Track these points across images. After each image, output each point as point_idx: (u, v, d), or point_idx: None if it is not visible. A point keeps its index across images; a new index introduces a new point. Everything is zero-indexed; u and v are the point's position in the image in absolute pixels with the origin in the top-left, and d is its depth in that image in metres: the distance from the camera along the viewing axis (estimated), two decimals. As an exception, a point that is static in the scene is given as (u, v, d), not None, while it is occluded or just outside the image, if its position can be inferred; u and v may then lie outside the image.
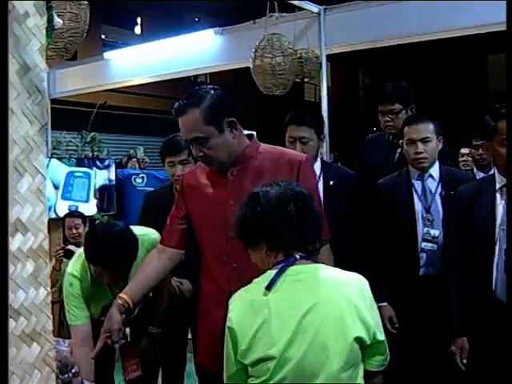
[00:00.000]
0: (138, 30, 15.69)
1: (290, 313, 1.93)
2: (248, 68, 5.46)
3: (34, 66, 1.91)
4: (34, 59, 1.91)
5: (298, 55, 5.40)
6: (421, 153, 3.48)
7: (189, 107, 2.54)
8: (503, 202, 2.91)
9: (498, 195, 2.94)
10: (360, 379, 2.02)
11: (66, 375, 2.27)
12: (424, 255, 3.47)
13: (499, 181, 2.95)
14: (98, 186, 7.38)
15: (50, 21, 2.05)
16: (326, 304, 1.96)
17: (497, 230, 2.89)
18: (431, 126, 3.51)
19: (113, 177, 7.54)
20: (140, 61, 7.12)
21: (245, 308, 1.98)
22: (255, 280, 2.07)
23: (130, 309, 2.75)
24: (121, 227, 3.07)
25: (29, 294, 1.82)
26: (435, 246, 3.44)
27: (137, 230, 3.17)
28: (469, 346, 3.02)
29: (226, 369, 2.02)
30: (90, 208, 7.19)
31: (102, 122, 7.86)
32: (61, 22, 2.11)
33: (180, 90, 11.65)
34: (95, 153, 7.65)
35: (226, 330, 1.98)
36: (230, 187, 2.59)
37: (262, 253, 2.10)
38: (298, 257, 2.05)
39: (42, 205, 1.90)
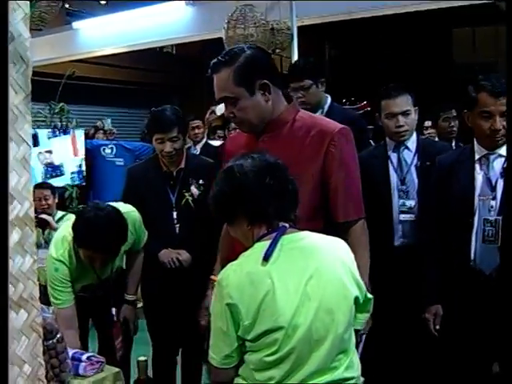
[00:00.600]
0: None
1: (294, 281, 1.90)
2: (215, 39, 5.45)
3: (17, 35, 1.89)
4: (18, 28, 1.90)
5: (270, 26, 5.41)
6: (402, 126, 3.46)
7: (221, 66, 2.43)
8: (482, 172, 2.93)
9: (476, 165, 2.96)
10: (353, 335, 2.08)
11: (50, 341, 2.30)
12: (400, 226, 3.50)
13: (478, 151, 2.97)
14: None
15: (32, -9, 2.04)
16: (326, 269, 1.96)
17: (476, 199, 2.91)
18: (409, 98, 3.50)
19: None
20: (109, 31, 7.07)
21: (243, 282, 1.89)
22: (244, 254, 2.00)
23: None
24: (110, 210, 3.05)
25: (16, 262, 1.81)
26: (413, 215, 3.47)
27: (120, 207, 3.17)
28: (443, 313, 3.06)
29: (220, 348, 1.94)
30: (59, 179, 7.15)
31: (71, 93, 7.76)
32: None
33: (148, 61, 11.51)
34: (64, 123, 7.56)
35: (224, 307, 1.88)
36: None
37: (243, 228, 2.05)
38: (287, 225, 2.01)
39: (27, 173, 1.89)
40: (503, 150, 2.88)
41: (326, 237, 2.10)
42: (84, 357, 2.54)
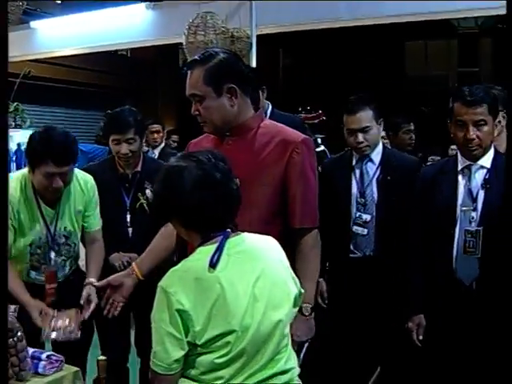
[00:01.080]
0: (58, -1, 15.27)
1: (242, 284, 1.93)
2: (169, 44, 5.46)
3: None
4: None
5: (230, 34, 5.47)
6: (361, 142, 3.48)
7: (196, 64, 2.53)
8: (464, 182, 2.97)
9: (459, 176, 2.99)
10: None
11: (10, 339, 2.30)
12: (354, 238, 3.54)
13: (461, 162, 3.00)
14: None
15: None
16: (270, 270, 2.01)
17: (458, 210, 2.95)
18: (370, 113, 3.50)
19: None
20: (68, 32, 7.01)
21: (193, 288, 1.88)
22: (188, 259, 2.00)
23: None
24: (62, 130, 3.10)
25: None
26: (365, 230, 3.49)
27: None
28: (428, 324, 3.08)
29: (169, 354, 1.89)
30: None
31: (26, 93, 7.68)
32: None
33: (103, 64, 11.42)
34: (18, 123, 7.48)
35: (174, 314, 1.86)
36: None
37: (181, 229, 2.08)
38: (229, 230, 2.01)
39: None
40: (485, 161, 2.94)
41: (261, 237, 2.14)
42: (44, 355, 2.55)
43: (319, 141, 6.98)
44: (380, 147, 3.60)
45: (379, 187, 3.51)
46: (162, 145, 6.70)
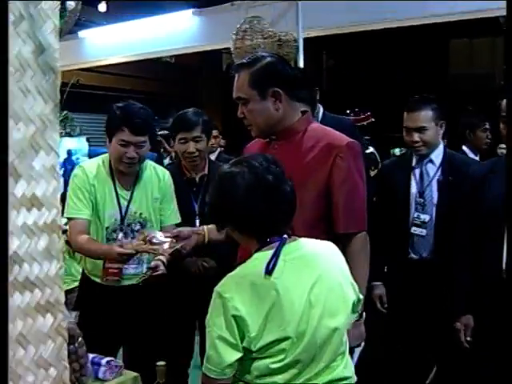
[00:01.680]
0: (102, 7, 15.46)
1: (298, 290, 1.93)
2: (213, 50, 5.49)
3: (48, 47, 1.94)
4: (49, 40, 1.95)
5: (278, 38, 5.47)
6: (416, 142, 3.50)
7: (242, 67, 2.57)
8: None
9: None
10: None
11: (72, 345, 2.33)
12: (412, 239, 3.53)
13: None
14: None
15: (62, 3, 2.09)
16: (327, 276, 2.00)
17: None
18: (429, 114, 3.50)
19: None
20: (115, 40, 7.12)
21: (249, 294, 1.89)
22: (245, 265, 2.00)
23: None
24: (141, 104, 3.27)
25: (43, 267, 1.84)
26: (424, 231, 3.48)
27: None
28: (477, 324, 3.07)
29: (223, 358, 1.89)
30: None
31: (75, 101, 7.80)
32: (73, 4, 2.15)
33: (150, 70, 11.54)
34: (67, 131, 7.61)
35: (229, 319, 1.87)
36: None
37: (236, 233, 2.08)
38: (286, 237, 2.00)
39: (55, 181, 1.93)
40: None
41: (320, 242, 2.14)
42: (103, 361, 2.57)
43: (367, 142, 6.95)
44: (441, 148, 3.59)
45: (439, 188, 3.50)
46: (218, 150, 6.73)
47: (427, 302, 3.48)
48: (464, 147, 5.42)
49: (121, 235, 3.26)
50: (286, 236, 2.01)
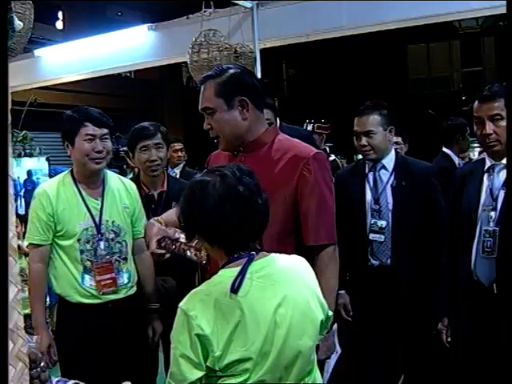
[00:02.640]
0: (59, 24, 15.40)
1: (263, 310, 1.89)
2: (172, 64, 5.48)
3: (-3, 68, 1.91)
4: (-3, 61, 1.92)
5: (234, 50, 5.47)
6: (364, 145, 3.55)
7: (208, 78, 2.57)
8: (488, 182, 2.97)
9: (485, 176, 2.99)
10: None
11: (34, 370, 2.29)
12: (371, 246, 3.55)
13: (487, 162, 3.00)
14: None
15: (10, 23, 2.06)
16: (294, 295, 1.96)
17: (479, 211, 2.95)
18: (377, 119, 3.55)
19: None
20: (71, 58, 7.06)
21: (213, 312, 1.86)
22: (211, 281, 1.97)
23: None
24: None
25: None
26: (382, 236, 3.50)
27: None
28: (452, 325, 3.11)
29: (185, 376, 1.86)
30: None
31: (33, 120, 7.73)
32: (21, 24, 2.12)
33: (109, 86, 11.48)
34: (27, 151, 7.53)
35: (193, 338, 1.84)
36: None
37: (207, 246, 2.04)
38: (254, 253, 1.97)
39: (9, 205, 1.90)
40: None
41: (292, 258, 2.11)
42: (68, 384, 2.54)
43: (328, 150, 6.99)
44: (392, 154, 3.64)
45: (394, 193, 3.53)
46: (182, 164, 6.73)
47: (390, 308, 3.49)
48: (446, 150, 5.45)
49: (102, 246, 3.25)
50: (254, 253, 1.98)
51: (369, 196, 3.58)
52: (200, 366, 1.86)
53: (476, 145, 5.99)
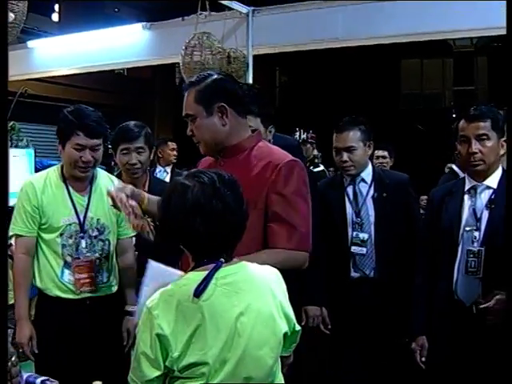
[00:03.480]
0: (55, 17, 15.32)
1: (224, 316, 1.90)
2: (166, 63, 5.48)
3: (-15, 60, 1.91)
4: (-14, 52, 1.91)
5: (227, 54, 5.49)
6: (345, 161, 3.55)
7: (190, 86, 2.58)
8: (470, 202, 2.97)
9: (466, 197, 2.99)
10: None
11: (4, 364, 2.28)
12: (353, 258, 3.55)
13: (468, 182, 2.99)
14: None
15: (1, 15, 2.05)
16: (257, 305, 1.95)
17: (461, 231, 2.94)
18: (357, 134, 3.56)
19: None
20: (65, 51, 7.04)
21: (175, 314, 1.87)
22: (178, 282, 1.96)
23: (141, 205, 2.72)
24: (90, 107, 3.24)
25: None
26: (364, 249, 3.52)
27: None
28: (428, 345, 3.06)
29: (144, 373, 1.90)
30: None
31: (22, 111, 7.68)
32: (12, 15, 2.12)
33: (101, 82, 11.44)
34: (14, 142, 7.48)
35: (153, 337, 1.86)
36: None
37: (180, 245, 2.04)
38: (223, 261, 1.96)
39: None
40: (491, 181, 2.93)
41: (261, 268, 2.09)
42: (38, 380, 2.51)
43: (316, 160, 7.02)
44: (370, 167, 3.66)
45: (375, 205, 3.56)
46: (174, 162, 6.85)
47: (373, 319, 3.49)
48: (455, 167, 5.44)
49: (84, 244, 3.22)
50: (222, 260, 1.96)
51: (349, 209, 3.60)
52: (158, 365, 1.88)
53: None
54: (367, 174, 3.63)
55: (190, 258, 2.03)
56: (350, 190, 3.63)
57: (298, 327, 2.11)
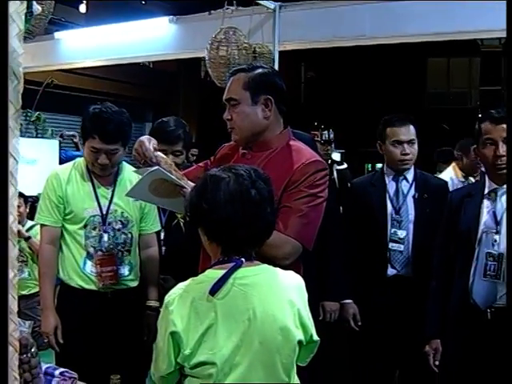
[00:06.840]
0: (82, 8, 15.36)
1: (237, 319, 1.88)
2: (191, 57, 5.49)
3: (12, 51, 1.89)
4: (13, 44, 1.90)
5: (253, 49, 5.47)
6: (407, 154, 3.55)
7: (240, 71, 2.61)
8: (489, 205, 2.93)
9: (485, 199, 2.96)
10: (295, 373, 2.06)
11: (24, 355, 2.29)
12: (390, 255, 3.55)
13: (488, 185, 2.97)
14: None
15: (29, 7, 2.05)
16: (272, 310, 1.92)
17: (479, 233, 2.90)
18: (413, 129, 3.60)
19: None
20: (91, 43, 7.08)
21: (188, 311, 1.87)
22: (195, 279, 1.97)
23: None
24: (117, 108, 3.21)
25: None
26: (401, 246, 3.52)
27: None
28: (442, 348, 3.05)
29: (159, 368, 1.94)
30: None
31: (49, 102, 7.72)
32: (40, 8, 2.11)
33: (127, 74, 11.50)
34: (39, 132, 7.53)
35: (167, 334, 1.87)
36: None
37: (205, 240, 2.03)
38: (243, 260, 1.95)
39: (12, 188, 1.88)
40: None
41: (286, 274, 2.06)
42: (57, 372, 2.53)
43: (338, 158, 6.97)
44: (412, 167, 3.67)
45: (415, 204, 3.57)
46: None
47: (404, 318, 3.49)
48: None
49: (106, 237, 3.25)
50: (243, 259, 1.95)
51: (389, 206, 3.60)
52: (170, 362, 1.90)
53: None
54: (410, 173, 3.64)
55: (216, 252, 2.00)
56: (391, 187, 3.64)
57: (315, 337, 2.05)
